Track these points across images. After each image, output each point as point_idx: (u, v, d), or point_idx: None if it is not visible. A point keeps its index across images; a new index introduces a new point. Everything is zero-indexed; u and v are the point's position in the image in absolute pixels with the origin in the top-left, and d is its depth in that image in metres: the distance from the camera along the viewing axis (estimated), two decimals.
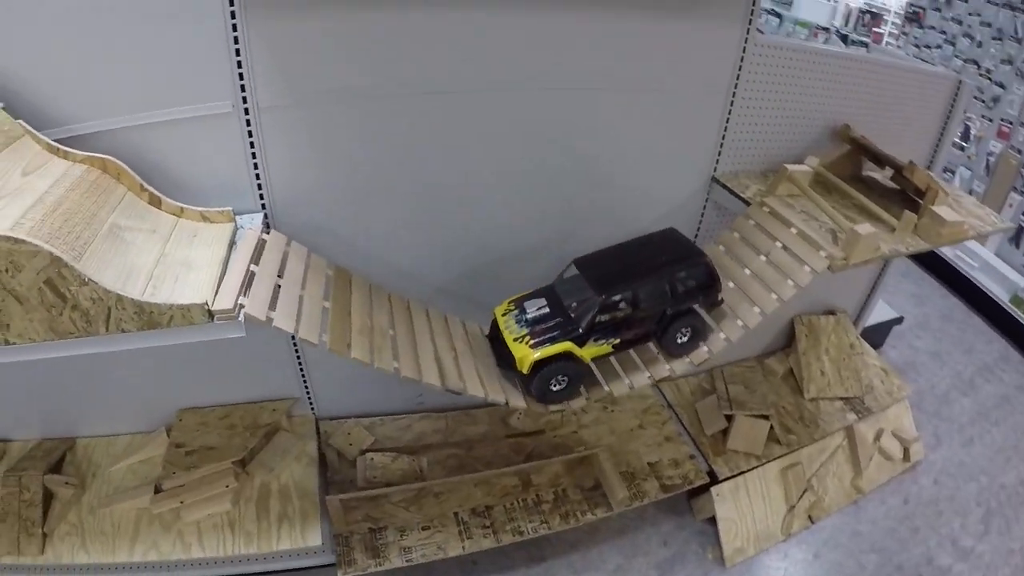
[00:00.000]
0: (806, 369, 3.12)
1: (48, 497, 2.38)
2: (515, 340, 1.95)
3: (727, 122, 2.33)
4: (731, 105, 2.29)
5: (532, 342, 1.92)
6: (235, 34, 1.73)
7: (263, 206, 2.02)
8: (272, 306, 1.66)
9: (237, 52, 1.76)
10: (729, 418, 2.85)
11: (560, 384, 1.98)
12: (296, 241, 1.98)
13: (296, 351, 2.41)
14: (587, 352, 1.95)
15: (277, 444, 2.46)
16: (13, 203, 1.53)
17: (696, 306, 2.03)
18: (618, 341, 1.98)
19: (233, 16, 1.71)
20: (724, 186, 2.40)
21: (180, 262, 1.70)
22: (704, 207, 2.53)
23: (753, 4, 2.08)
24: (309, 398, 2.55)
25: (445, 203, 2.20)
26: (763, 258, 2.08)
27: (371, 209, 2.13)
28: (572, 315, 1.95)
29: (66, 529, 2.33)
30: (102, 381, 2.45)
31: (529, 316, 2.00)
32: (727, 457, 2.79)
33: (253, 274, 1.70)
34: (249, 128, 1.87)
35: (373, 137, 1.99)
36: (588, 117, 2.14)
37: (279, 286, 1.75)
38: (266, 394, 2.54)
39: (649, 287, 1.93)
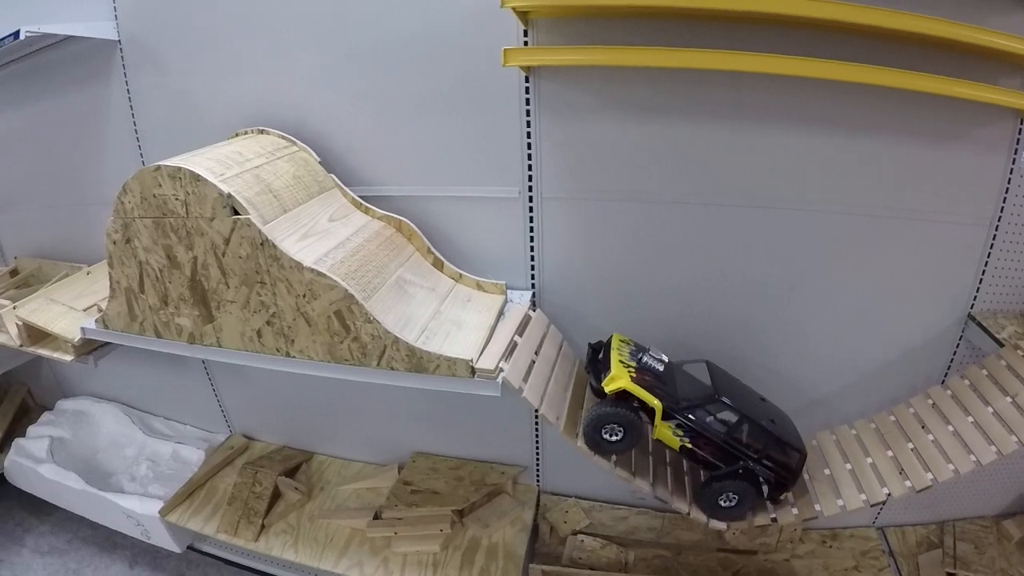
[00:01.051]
0: None
1: (275, 496, 2.70)
2: (620, 362, 1.88)
3: (988, 256, 2.18)
4: (993, 239, 2.14)
5: (634, 376, 1.84)
6: (528, 130, 1.96)
7: (532, 285, 2.19)
8: (526, 378, 1.81)
9: (528, 146, 1.98)
10: None
11: (613, 435, 1.85)
12: (555, 320, 2.15)
13: (536, 425, 2.54)
14: (660, 428, 1.85)
15: (497, 505, 2.57)
16: (319, 243, 1.81)
17: (762, 484, 1.90)
18: (689, 446, 1.87)
19: (528, 114, 1.94)
20: (980, 325, 2.22)
21: (452, 320, 1.90)
22: (956, 346, 2.39)
23: (1019, 132, 1.96)
24: (537, 470, 2.66)
25: (696, 308, 2.24)
26: (1008, 399, 1.90)
27: (626, 304, 2.24)
28: (678, 391, 1.87)
29: (283, 527, 2.61)
30: (353, 411, 2.75)
31: (645, 360, 1.94)
32: None
33: (516, 344, 1.87)
34: (531, 214, 2.08)
35: (639, 237, 2.10)
36: (832, 242, 2.12)
37: (534, 362, 1.90)
38: (498, 457, 2.70)
39: (753, 428, 1.85)
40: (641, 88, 1.87)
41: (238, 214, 1.71)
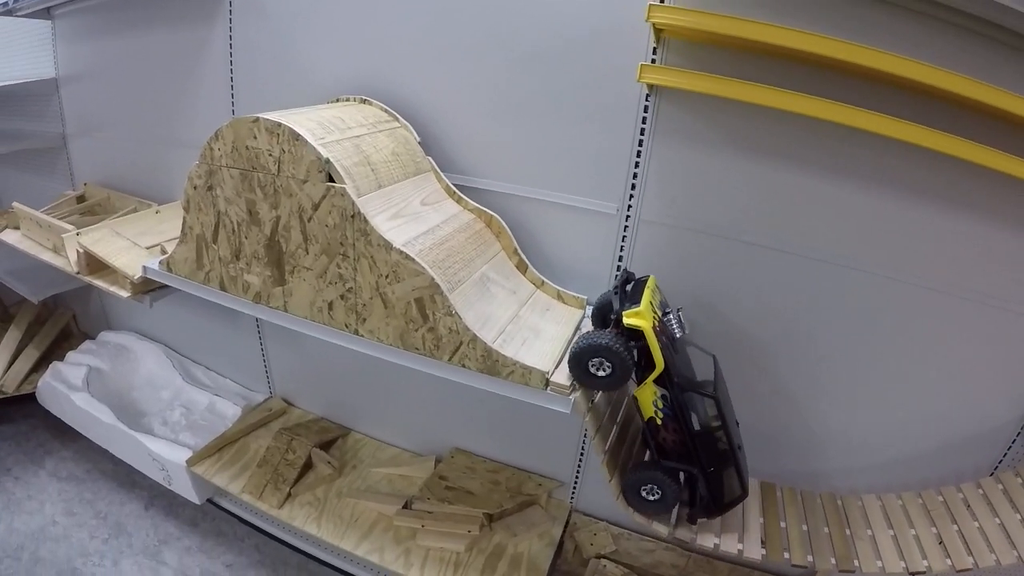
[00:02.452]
0: None
1: (307, 467, 2.67)
2: (650, 303, 1.70)
3: None
4: None
5: (655, 326, 1.66)
6: (639, 148, 1.91)
7: None
8: (593, 401, 1.77)
9: (636, 165, 1.93)
10: None
11: (601, 370, 1.64)
12: None
13: (583, 446, 2.50)
14: (646, 389, 1.71)
15: (527, 515, 2.54)
16: (409, 225, 1.77)
17: (695, 497, 1.85)
18: (659, 422, 1.75)
19: (642, 132, 1.89)
20: None
21: (530, 328, 1.86)
22: (1013, 441, 2.34)
23: None
24: (574, 488, 2.62)
25: (765, 355, 2.19)
26: None
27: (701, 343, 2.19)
28: (680, 365, 1.74)
29: (309, 499, 2.58)
30: (399, 396, 2.72)
31: (669, 318, 1.76)
32: None
33: None
34: (624, 234, 2.03)
35: (725, 277, 2.05)
36: (906, 314, 2.03)
37: None
38: (538, 468, 2.66)
39: (725, 442, 1.76)
40: (763, 129, 1.83)
41: (332, 181, 1.67)
